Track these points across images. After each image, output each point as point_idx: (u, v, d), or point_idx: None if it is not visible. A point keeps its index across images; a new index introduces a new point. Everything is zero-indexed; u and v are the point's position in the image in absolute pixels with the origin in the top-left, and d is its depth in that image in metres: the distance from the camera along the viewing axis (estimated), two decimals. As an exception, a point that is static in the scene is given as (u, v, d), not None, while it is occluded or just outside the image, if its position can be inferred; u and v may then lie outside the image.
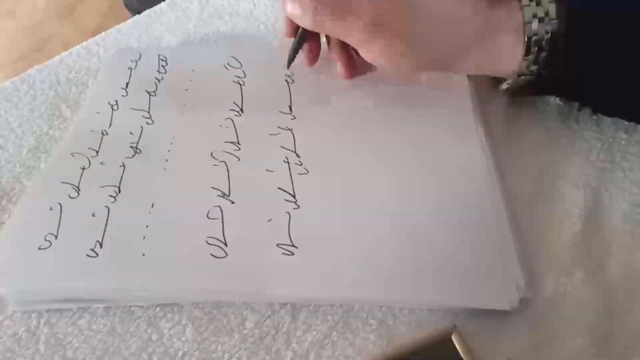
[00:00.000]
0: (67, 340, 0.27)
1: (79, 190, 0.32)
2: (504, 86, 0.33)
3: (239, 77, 0.39)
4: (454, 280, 0.26)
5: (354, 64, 0.36)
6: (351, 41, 0.31)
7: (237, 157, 0.33)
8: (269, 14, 0.45)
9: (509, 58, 0.30)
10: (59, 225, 0.30)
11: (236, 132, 0.35)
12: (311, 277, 0.27)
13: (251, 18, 0.45)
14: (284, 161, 0.33)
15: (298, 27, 0.33)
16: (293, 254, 0.28)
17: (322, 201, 0.30)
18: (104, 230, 0.29)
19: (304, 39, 0.35)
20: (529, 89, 0.32)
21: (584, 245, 0.28)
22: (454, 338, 0.22)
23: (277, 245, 0.28)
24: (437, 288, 0.26)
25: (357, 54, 0.33)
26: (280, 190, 0.31)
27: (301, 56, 0.36)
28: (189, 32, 0.44)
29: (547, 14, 0.28)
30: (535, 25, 0.28)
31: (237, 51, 0.41)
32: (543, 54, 0.29)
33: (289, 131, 0.34)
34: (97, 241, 0.29)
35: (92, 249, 0.28)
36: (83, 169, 0.33)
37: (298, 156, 0.33)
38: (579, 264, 0.27)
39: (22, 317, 0.28)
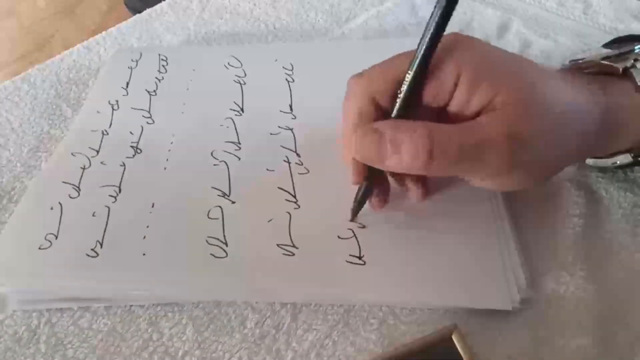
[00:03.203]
0: (68, 340, 0.27)
1: (80, 190, 0.32)
2: (617, 163, 0.29)
3: (239, 77, 0.39)
4: (455, 281, 0.26)
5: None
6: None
7: (237, 157, 0.33)
8: (269, 13, 0.45)
9: (625, 140, 0.27)
10: (59, 225, 0.30)
11: (236, 132, 0.35)
12: (311, 277, 0.27)
13: (251, 17, 0.45)
14: (285, 161, 0.32)
15: (370, 169, 0.27)
16: (293, 254, 0.28)
17: (322, 201, 0.30)
18: (104, 230, 0.29)
19: (374, 180, 0.28)
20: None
21: (584, 245, 0.28)
22: (454, 338, 0.22)
23: (277, 245, 0.28)
24: (438, 288, 0.26)
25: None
26: (281, 190, 0.31)
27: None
28: (189, 31, 0.44)
29: None
30: None
31: (238, 50, 0.41)
32: None
33: (290, 131, 0.34)
34: (98, 241, 0.29)
35: (92, 249, 0.28)
36: (83, 168, 0.33)
37: (299, 156, 0.33)
38: (579, 264, 0.27)
39: (23, 316, 0.28)
